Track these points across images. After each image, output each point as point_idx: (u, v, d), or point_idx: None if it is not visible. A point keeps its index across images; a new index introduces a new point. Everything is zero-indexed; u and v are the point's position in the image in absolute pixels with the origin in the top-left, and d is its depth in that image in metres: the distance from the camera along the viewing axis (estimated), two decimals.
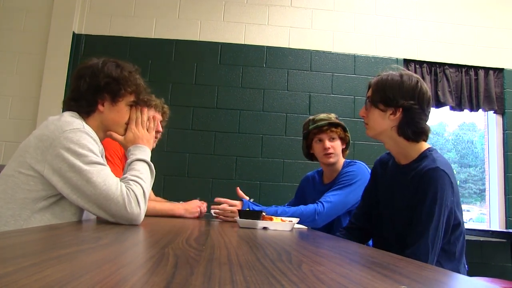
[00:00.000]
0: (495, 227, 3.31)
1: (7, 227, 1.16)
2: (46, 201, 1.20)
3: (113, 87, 1.32)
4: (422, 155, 1.37)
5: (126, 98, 1.36)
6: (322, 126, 2.00)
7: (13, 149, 3.02)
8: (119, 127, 1.39)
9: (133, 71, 1.38)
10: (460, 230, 1.34)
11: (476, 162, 7.69)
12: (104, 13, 3.30)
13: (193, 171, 3.13)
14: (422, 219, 1.26)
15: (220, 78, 3.27)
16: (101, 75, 1.31)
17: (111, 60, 1.36)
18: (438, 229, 1.25)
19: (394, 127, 1.38)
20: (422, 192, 1.28)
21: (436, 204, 1.24)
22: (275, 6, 3.40)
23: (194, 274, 0.46)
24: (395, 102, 1.36)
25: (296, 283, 0.45)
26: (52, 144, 1.16)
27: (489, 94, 3.38)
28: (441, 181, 1.25)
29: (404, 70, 1.44)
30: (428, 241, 1.24)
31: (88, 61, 1.37)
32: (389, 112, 1.38)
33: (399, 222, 1.38)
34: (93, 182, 1.14)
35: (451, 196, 1.27)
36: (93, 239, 0.84)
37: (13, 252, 0.58)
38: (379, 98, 1.39)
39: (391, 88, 1.37)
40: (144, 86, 1.41)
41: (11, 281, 0.36)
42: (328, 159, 2.01)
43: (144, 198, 1.21)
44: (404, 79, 1.38)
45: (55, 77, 3.08)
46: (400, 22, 3.46)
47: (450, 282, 0.59)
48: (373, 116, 1.42)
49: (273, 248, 0.79)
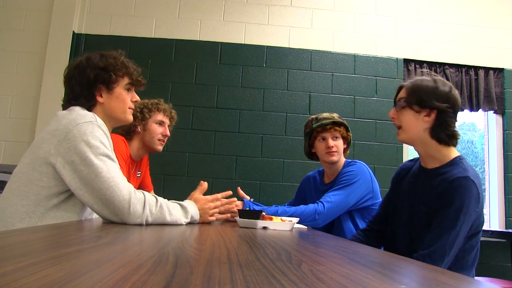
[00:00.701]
0: (495, 227, 3.31)
1: (21, 224, 1.16)
2: (58, 197, 1.20)
3: (103, 76, 1.33)
4: (452, 161, 1.37)
5: (120, 83, 1.37)
6: (326, 124, 2.01)
7: (13, 148, 3.05)
8: (123, 113, 1.39)
9: (117, 56, 1.38)
10: (477, 239, 1.35)
11: (476, 162, 7.69)
12: (104, 13, 3.30)
13: (193, 170, 3.13)
14: (444, 224, 1.26)
15: (220, 77, 3.27)
16: (88, 69, 1.32)
17: (94, 52, 1.38)
18: (458, 237, 1.25)
19: (427, 129, 1.39)
20: (449, 198, 1.28)
21: (461, 212, 1.24)
22: (275, 5, 3.40)
23: (194, 273, 0.46)
24: (430, 104, 1.38)
25: (295, 283, 0.45)
26: (66, 137, 1.17)
27: (489, 94, 3.39)
28: (469, 191, 1.26)
29: (437, 75, 1.46)
30: (446, 245, 1.24)
31: (73, 61, 1.39)
32: (423, 113, 1.39)
33: (417, 223, 1.38)
34: (102, 177, 1.15)
35: (476, 208, 1.27)
36: (93, 238, 0.84)
37: (13, 251, 0.58)
38: (414, 100, 1.41)
39: (427, 91, 1.39)
40: (133, 66, 1.42)
41: (11, 280, 0.37)
42: (331, 157, 2.00)
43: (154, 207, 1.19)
44: (439, 84, 1.40)
45: (55, 77, 3.08)
46: (400, 22, 3.46)
47: (450, 282, 0.59)
48: (407, 117, 1.43)
49: (272, 248, 0.79)
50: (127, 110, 1.40)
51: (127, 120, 1.42)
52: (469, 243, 1.32)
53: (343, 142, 2.05)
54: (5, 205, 1.19)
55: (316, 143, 2.06)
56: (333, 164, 2.04)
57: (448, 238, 1.24)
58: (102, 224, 1.16)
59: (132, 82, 1.41)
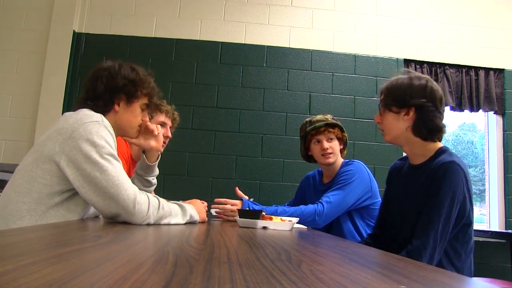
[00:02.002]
0: (495, 228, 3.31)
1: (22, 221, 1.16)
2: (61, 196, 1.20)
3: (130, 88, 1.37)
4: (436, 152, 1.39)
5: (140, 100, 1.42)
6: (319, 127, 2.01)
7: (13, 147, 3.05)
8: (132, 129, 1.44)
9: (147, 75, 1.44)
10: (470, 230, 1.34)
11: (476, 163, 7.69)
12: (104, 12, 3.30)
13: (193, 170, 3.13)
14: (432, 211, 1.26)
15: (220, 77, 3.27)
16: (119, 76, 1.36)
17: (126, 63, 1.42)
18: (449, 222, 1.25)
19: (409, 128, 1.40)
20: (437, 183, 1.28)
21: (449, 196, 1.25)
22: (276, 5, 3.40)
23: (193, 273, 0.46)
24: (406, 102, 1.38)
25: (295, 283, 0.45)
26: (71, 136, 1.17)
27: (489, 95, 3.38)
28: (456, 174, 1.27)
29: (413, 72, 1.47)
30: (438, 234, 1.24)
31: (103, 63, 1.41)
32: (402, 113, 1.40)
33: (409, 223, 1.37)
34: (108, 175, 1.15)
35: (464, 190, 1.28)
36: (93, 237, 0.84)
37: (13, 250, 0.58)
38: (391, 101, 1.42)
39: (401, 89, 1.40)
40: (156, 90, 1.48)
41: (11, 279, 0.36)
42: (327, 159, 2.01)
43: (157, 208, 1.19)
44: (413, 80, 1.41)
45: (55, 76, 3.08)
46: (400, 22, 3.46)
47: (450, 282, 0.59)
48: (388, 120, 1.45)
49: (272, 248, 0.79)
50: (136, 127, 1.45)
51: (132, 136, 1.47)
52: (461, 234, 1.32)
53: (339, 143, 2.05)
54: (7, 202, 1.19)
55: (311, 145, 2.07)
56: (330, 165, 2.04)
57: (438, 226, 1.25)
58: (102, 223, 1.16)
59: (150, 104, 1.47)
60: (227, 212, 1.78)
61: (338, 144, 2.05)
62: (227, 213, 1.77)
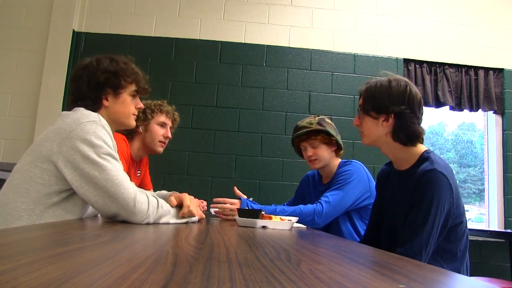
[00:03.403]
0: (494, 227, 3.31)
1: (20, 221, 1.16)
2: (59, 196, 1.20)
3: (113, 80, 1.35)
4: (420, 158, 1.37)
5: (127, 89, 1.40)
6: (301, 135, 2.01)
7: (13, 146, 3.05)
8: (127, 119, 1.42)
9: (127, 62, 1.41)
10: (462, 229, 1.33)
11: (475, 162, 7.70)
12: (104, 11, 3.29)
13: (192, 169, 3.13)
14: (417, 220, 1.25)
15: (220, 76, 3.26)
16: (98, 72, 1.33)
17: (104, 56, 1.39)
18: (433, 231, 1.24)
19: (388, 133, 1.39)
20: (420, 193, 1.27)
21: (433, 206, 1.24)
22: (276, 5, 3.40)
23: (193, 272, 0.46)
24: (385, 109, 1.37)
25: (295, 282, 0.45)
26: (68, 136, 1.17)
27: (488, 94, 3.39)
28: (439, 183, 1.25)
29: (393, 75, 1.43)
30: (422, 241, 1.24)
31: (82, 61, 1.40)
32: (381, 119, 1.39)
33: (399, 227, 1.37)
34: (107, 174, 1.14)
35: (449, 198, 1.27)
36: (92, 237, 0.84)
37: (12, 249, 0.58)
38: (370, 106, 1.40)
39: (381, 95, 1.38)
40: (142, 74, 1.45)
41: (10, 278, 0.36)
42: (313, 165, 2.03)
43: (156, 207, 1.19)
44: (393, 85, 1.38)
45: (55, 75, 3.08)
46: (400, 22, 3.46)
47: (449, 281, 0.59)
48: (367, 125, 1.43)
49: (272, 247, 0.79)
50: (131, 116, 1.43)
51: (129, 125, 1.45)
52: (456, 233, 1.31)
53: (328, 147, 2.02)
54: (5, 202, 1.19)
55: (301, 150, 2.08)
56: (322, 168, 2.05)
57: (423, 234, 1.24)
58: (101, 222, 1.15)
59: (139, 89, 1.44)
60: (226, 211, 1.78)
61: (326, 148, 2.02)
62: (226, 212, 1.78)
